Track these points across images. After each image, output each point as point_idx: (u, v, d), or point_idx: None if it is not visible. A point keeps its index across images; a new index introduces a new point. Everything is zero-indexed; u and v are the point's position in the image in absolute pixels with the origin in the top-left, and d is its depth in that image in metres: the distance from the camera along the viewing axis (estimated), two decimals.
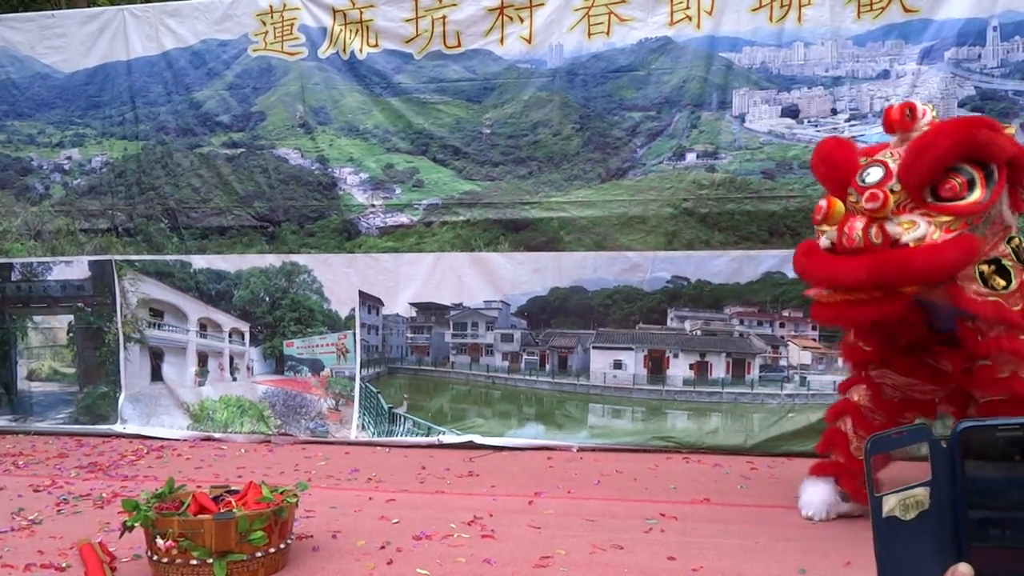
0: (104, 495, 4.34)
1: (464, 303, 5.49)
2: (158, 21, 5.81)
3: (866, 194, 3.09)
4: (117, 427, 5.90)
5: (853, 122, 4.87)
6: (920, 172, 3.05)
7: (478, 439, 5.30)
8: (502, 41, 5.32)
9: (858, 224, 3.08)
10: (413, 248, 5.52)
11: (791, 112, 4.98)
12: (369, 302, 5.63)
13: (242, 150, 5.76)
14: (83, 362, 6.11)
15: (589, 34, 5.20)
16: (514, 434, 5.33)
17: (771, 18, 4.92)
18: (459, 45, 5.39)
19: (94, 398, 6.06)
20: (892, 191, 3.10)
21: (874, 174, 3.17)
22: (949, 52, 4.71)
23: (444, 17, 5.37)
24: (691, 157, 5.13)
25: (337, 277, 5.65)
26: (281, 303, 5.74)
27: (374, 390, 5.63)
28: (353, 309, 5.64)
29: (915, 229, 3.02)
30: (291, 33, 5.60)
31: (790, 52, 4.91)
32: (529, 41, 5.28)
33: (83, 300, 6.07)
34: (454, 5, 5.34)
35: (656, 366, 5.25)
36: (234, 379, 5.86)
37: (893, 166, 3.14)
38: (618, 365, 5.30)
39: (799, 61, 4.95)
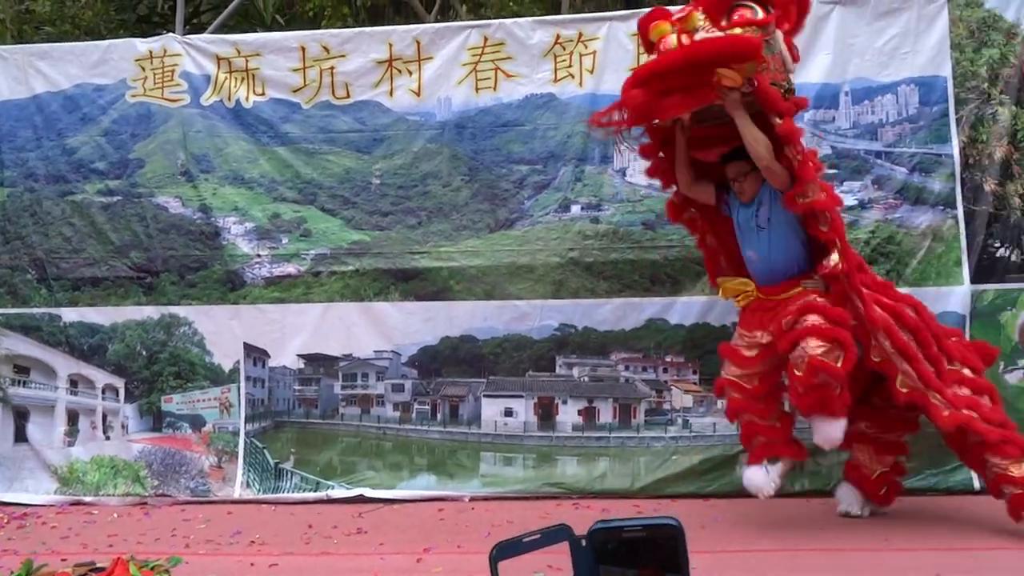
0: None
1: (354, 353, 5.41)
2: (27, 63, 5.53)
3: (677, 10, 3.94)
4: None
5: None
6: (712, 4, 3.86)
7: (368, 492, 5.20)
8: (391, 93, 5.37)
9: (671, 37, 3.83)
10: (300, 298, 5.43)
11: None
12: (254, 354, 5.47)
13: (118, 198, 5.53)
14: None
15: (477, 89, 5.32)
16: (405, 485, 5.26)
17: None
18: (348, 96, 5.40)
19: None
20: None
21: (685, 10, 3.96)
22: (808, 114, 5.08)
23: (332, 68, 5.38)
24: (576, 209, 5.29)
25: (220, 329, 5.46)
26: (159, 357, 5.49)
27: (260, 445, 5.45)
28: (237, 362, 5.46)
29: (714, 32, 3.81)
30: (172, 79, 5.46)
31: None
32: (418, 94, 5.35)
33: None
34: (342, 56, 5.36)
35: (546, 413, 5.32)
36: (107, 438, 5.53)
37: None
38: (509, 413, 5.34)
39: None
